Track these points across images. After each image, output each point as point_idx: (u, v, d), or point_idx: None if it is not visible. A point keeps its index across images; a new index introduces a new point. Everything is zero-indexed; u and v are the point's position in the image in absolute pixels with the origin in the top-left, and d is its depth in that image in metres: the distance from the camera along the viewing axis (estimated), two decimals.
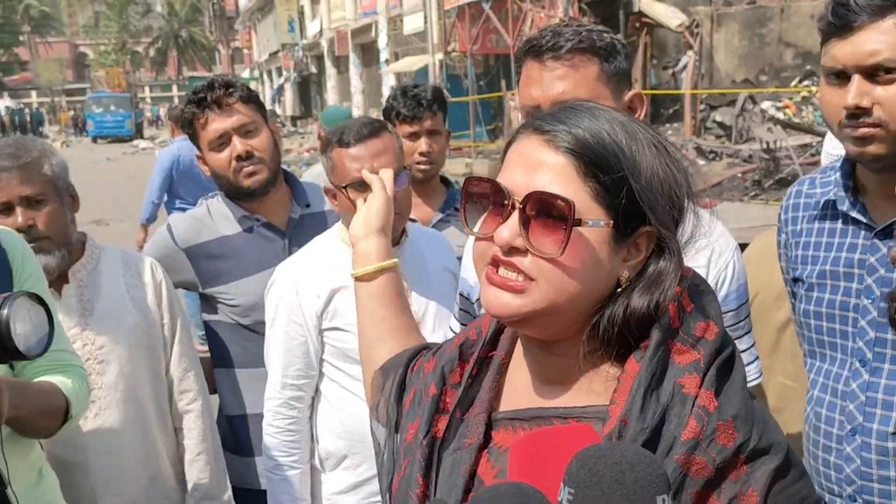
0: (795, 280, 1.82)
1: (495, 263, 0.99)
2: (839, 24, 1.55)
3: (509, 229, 0.97)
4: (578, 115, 1.00)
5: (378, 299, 1.38)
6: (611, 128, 0.98)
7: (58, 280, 2.17)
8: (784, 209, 1.88)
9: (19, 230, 2.03)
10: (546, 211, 0.96)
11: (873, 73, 1.53)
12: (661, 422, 0.92)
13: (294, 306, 2.08)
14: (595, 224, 0.96)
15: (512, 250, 0.98)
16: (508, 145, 1.05)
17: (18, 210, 2.06)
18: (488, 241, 1.00)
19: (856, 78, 1.54)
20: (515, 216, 0.97)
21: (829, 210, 1.75)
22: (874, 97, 1.54)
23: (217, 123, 2.42)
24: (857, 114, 1.55)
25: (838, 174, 1.73)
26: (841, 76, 1.58)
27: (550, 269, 0.96)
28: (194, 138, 2.50)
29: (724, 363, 0.97)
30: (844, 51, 1.55)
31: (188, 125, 2.50)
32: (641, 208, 0.97)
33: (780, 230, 1.89)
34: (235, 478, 2.46)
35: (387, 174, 1.62)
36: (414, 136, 2.89)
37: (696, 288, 1.02)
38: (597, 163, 0.96)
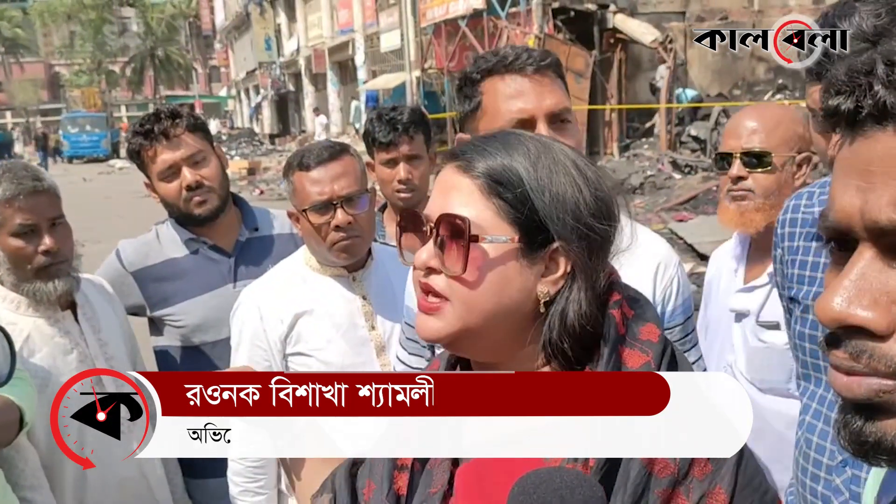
0: (791, 299, 1.74)
1: (424, 290, 1.02)
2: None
3: (426, 251, 1.01)
4: (489, 141, 1.04)
5: None
6: (517, 149, 1.02)
7: (67, 306, 2.15)
8: (780, 223, 1.80)
9: (47, 252, 2.01)
10: (455, 232, 0.99)
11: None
12: None
13: (258, 331, 2.04)
14: (496, 240, 0.98)
15: (430, 272, 1.01)
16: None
17: (47, 233, 2.03)
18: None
19: None
20: (432, 239, 1.02)
21: None
22: None
23: (165, 155, 2.42)
24: None
25: None
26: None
27: (459, 287, 0.99)
28: (142, 167, 2.50)
29: (670, 362, 0.99)
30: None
31: (136, 155, 2.49)
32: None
33: (777, 244, 1.81)
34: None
35: None
36: (392, 163, 2.74)
37: (630, 298, 1.04)
38: (499, 181, 0.99)
